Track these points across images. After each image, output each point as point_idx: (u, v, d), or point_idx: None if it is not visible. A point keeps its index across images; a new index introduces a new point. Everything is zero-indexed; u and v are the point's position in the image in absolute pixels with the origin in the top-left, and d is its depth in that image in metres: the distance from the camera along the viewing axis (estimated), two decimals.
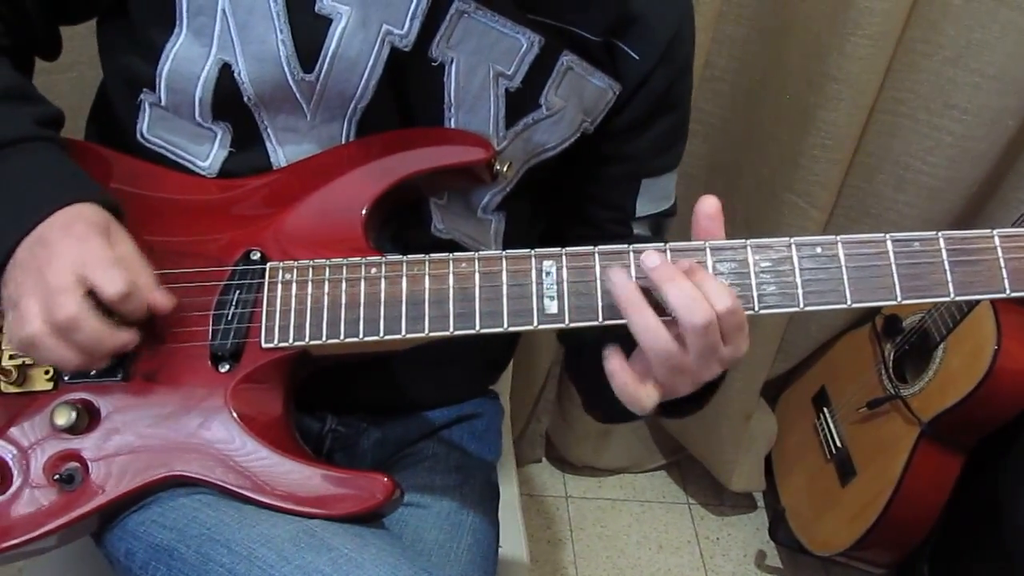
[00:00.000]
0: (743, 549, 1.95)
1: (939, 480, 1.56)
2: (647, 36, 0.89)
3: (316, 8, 0.80)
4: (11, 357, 0.82)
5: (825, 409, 1.81)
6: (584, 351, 0.98)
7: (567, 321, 0.74)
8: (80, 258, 0.74)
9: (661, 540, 1.94)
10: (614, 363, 0.72)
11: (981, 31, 1.40)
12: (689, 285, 0.69)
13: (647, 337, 0.70)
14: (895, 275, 0.71)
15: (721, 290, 0.70)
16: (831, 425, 1.77)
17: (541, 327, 0.75)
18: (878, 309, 1.73)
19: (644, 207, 0.98)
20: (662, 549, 1.92)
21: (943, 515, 1.57)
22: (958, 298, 0.70)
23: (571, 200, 0.99)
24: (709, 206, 0.73)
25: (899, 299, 0.70)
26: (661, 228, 1.01)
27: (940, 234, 0.71)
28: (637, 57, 0.89)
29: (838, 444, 1.74)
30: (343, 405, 1.00)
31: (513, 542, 1.25)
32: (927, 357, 1.56)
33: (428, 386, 1.02)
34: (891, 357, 1.65)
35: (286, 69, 0.82)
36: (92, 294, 0.74)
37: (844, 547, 1.65)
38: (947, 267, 0.71)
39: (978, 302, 1.47)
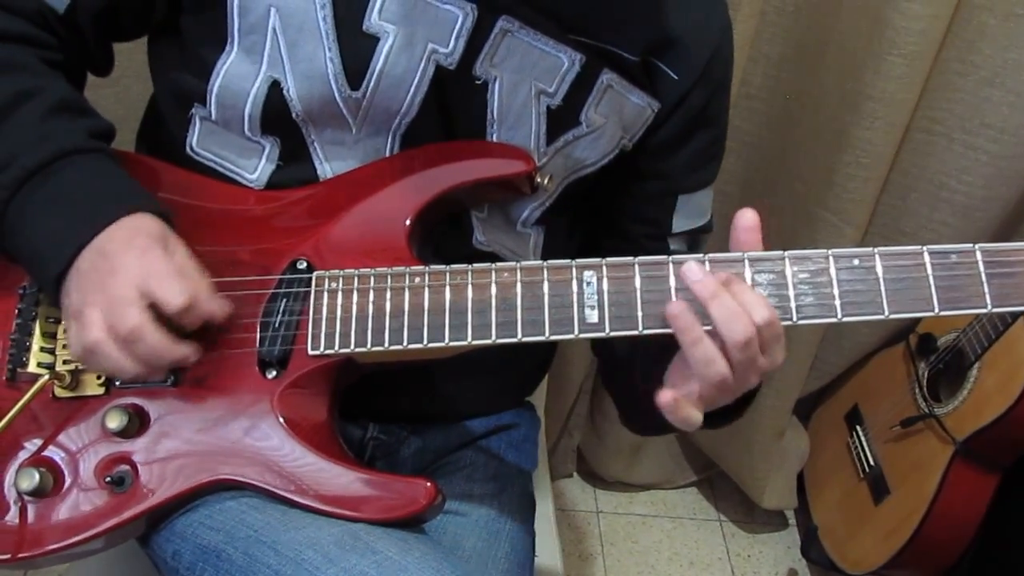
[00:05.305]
0: (774, 567, 1.94)
1: (973, 499, 1.55)
2: (685, 56, 0.90)
3: (364, 27, 0.82)
4: (65, 362, 0.83)
5: (858, 427, 1.80)
6: (620, 365, 0.99)
7: (607, 330, 0.75)
8: (142, 271, 0.75)
9: (692, 556, 1.94)
10: (667, 396, 0.73)
11: (1017, 51, 1.40)
12: (731, 300, 0.70)
13: (703, 369, 0.71)
14: (932, 287, 0.72)
15: (759, 302, 0.71)
16: (864, 443, 1.76)
17: (582, 336, 0.76)
18: (912, 328, 1.72)
19: (680, 223, 0.98)
20: (693, 565, 1.92)
21: (978, 534, 1.56)
22: (995, 310, 0.70)
23: (608, 215, 1.00)
24: (748, 219, 0.74)
25: (937, 310, 0.71)
26: (698, 244, 1.01)
27: (977, 246, 0.72)
28: (676, 77, 0.90)
29: (871, 462, 1.73)
30: (385, 413, 1.01)
31: (547, 554, 1.26)
32: (962, 376, 1.55)
33: (468, 396, 1.03)
34: (925, 376, 1.64)
35: (334, 86, 0.83)
36: (153, 307, 0.75)
37: (877, 566, 1.64)
38: (984, 279, 0.71)
39: (1014, 320, 1.46)
